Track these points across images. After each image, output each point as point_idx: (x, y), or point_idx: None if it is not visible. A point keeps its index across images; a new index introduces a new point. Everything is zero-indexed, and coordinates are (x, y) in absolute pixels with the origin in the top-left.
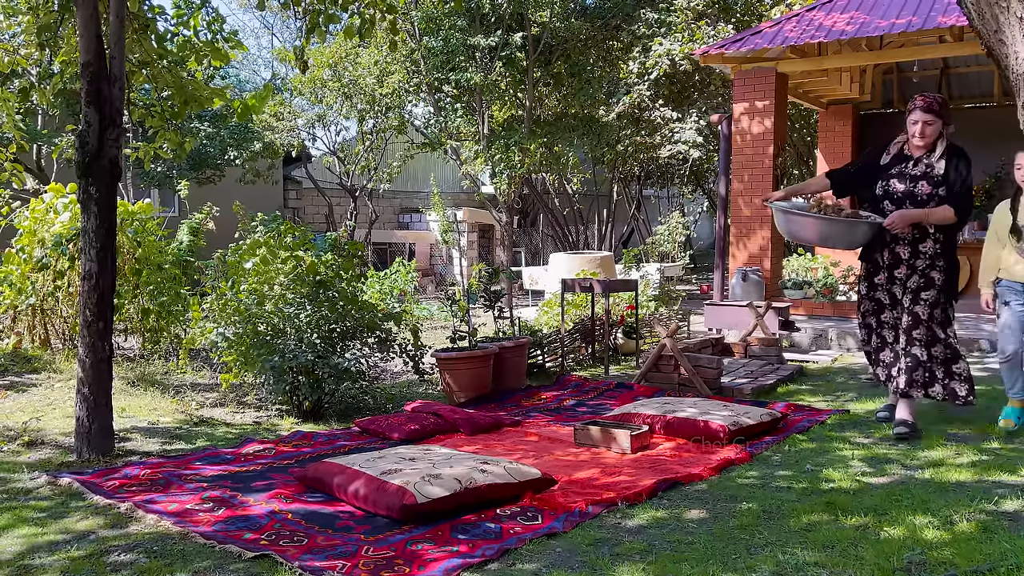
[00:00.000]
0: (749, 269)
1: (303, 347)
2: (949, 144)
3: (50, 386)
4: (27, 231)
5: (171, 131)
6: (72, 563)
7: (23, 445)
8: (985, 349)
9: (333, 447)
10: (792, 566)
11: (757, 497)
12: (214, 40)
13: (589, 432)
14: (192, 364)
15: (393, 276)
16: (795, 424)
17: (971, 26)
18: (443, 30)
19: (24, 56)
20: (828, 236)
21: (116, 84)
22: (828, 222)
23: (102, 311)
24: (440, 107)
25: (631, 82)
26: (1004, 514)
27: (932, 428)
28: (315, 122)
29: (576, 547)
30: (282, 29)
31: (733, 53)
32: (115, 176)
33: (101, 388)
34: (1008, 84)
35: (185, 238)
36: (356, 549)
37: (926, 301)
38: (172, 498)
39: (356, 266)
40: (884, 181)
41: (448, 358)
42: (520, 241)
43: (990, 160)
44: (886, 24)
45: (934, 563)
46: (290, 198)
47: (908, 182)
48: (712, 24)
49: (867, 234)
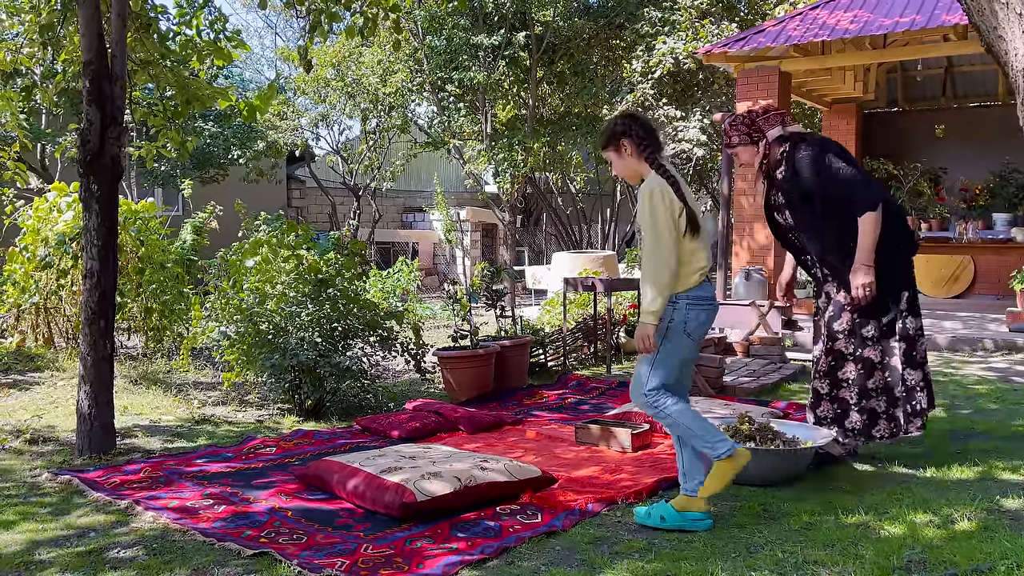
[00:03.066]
0: (752, 268)
1: (305, 346)
2: (803, 145)
3: (53, 384)
4: (31, 230)
5: (173, 130)
6: (73, 559)
7: (26, 442)
8: (989, 348)
9: (334, 445)
10: (792, 564)
11: (757, 495)
12: (216, 39)
13: (590, 431)
14: (194, 363)
15: (396, 275)
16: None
17: (970, 22)
18: (446, 29)
19: (27, 55)
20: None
21: (118, 83)
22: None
23: (104, 309)
24: (443, 106)
25: (634, 81)
26: (1005, 513)
27: (934, 428)
28: (318, 121)
29: (576, 545)
30: (285, 28)
31: (736, 52)
32: (116, 174)
33: (103, 386)
34: (1009, 81)
35: (188, 237)
36: (355, 547)
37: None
38: (173, 495)
39: (358, 265)
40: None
41: (450, 357)
42: (523, 240)
43: (995, 159)
44: (890, 23)
45: (934, 562)
46: (294, 197)
47: (776, 213)
48: (716, 22)
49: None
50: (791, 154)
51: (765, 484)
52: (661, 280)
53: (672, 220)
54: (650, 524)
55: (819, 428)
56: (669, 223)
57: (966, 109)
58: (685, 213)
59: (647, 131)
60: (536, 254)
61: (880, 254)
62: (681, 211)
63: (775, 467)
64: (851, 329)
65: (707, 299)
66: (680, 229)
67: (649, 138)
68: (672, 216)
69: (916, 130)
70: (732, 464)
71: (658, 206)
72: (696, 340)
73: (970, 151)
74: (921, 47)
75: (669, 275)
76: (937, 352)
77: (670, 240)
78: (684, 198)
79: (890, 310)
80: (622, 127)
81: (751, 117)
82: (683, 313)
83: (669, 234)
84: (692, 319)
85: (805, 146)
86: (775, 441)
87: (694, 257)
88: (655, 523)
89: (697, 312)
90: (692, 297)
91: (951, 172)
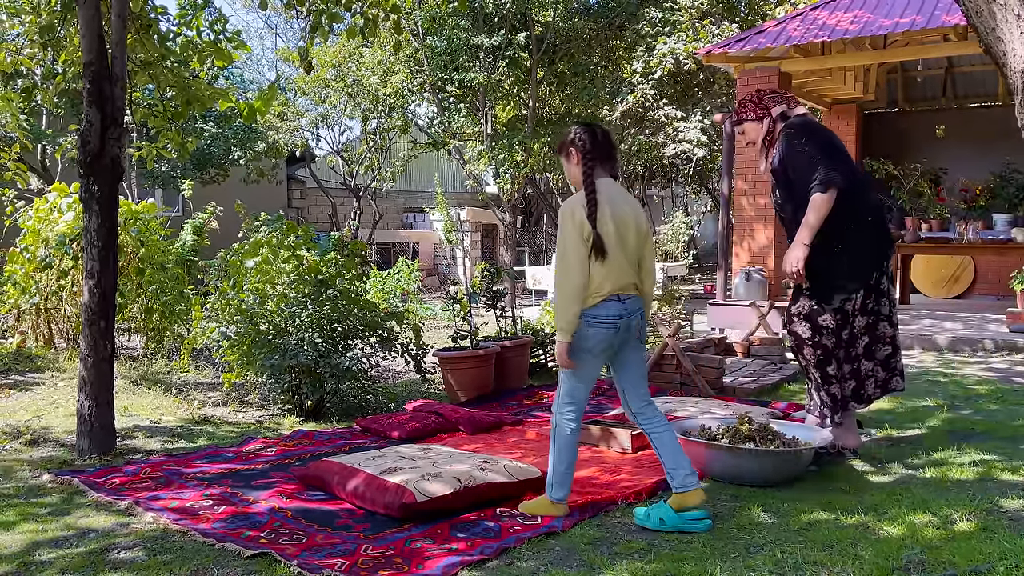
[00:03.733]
0: (752, 269)
1: (305, 346)
2: (784, 127)
3: (53, 385)
4: (31, 231)
5: (174, 131)
6: (74, 560)
7: (26, 443)
8: (989, 349)
9: (334, 446)
10: (791, 565)
11: (757, 496)
12: (217, 40)
13: (590, 431)
14: (195, 363)
15: (396, 276)
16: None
17: (969, 23)
18: (446, 30)
19: (27, 56)
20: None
21: (118, 84)
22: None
23: (104, 310)
24: (443, 107)
25: (635, 81)
26: (1004, 513)
27: (934, 428)
28: (319, 122)
29: (575, 546)
30: (286, 29)
31: (737, 52)
32: (117, 175)
33: (103, 386)
34: (1007, 82)
35: (189, 238)
36: (355, 547)
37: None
38: (173, 496)
39: (358, 265)
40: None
41: (450, 357)
42: (523, 241)
43: (995, 159)
44: (890, 23)
45: (933, 562)
46: (294, 198)
47: (773, 191)
48: (716, 23)
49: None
50: (784, 141)
51: (765, 485)
52: (566, 299)
53: (580, 240)
54: (649, 526)
55: (819, 429)
56: (577, 243)
57: (966, 109)
58: (592, 237)
59: (594, 144)
60: (536, 255)
61: (840, 240)
62: (589, 235)
63: (775, 468)
64: (807, 313)
65: (608, 317)
66: (587, 249)
67: (594, 151)
68: (580, 236)
69: (916, 130)
70: (554, 508)
71: (567, 224)
72: (597, 356)
73: (970, 151)
74: (921, 47)
75: (574, 293)
76: (937, 352)
77: (575, 259)
78: (596, 222)
79: (848, 297)
80: (572, 136)
81: (759, 95)
82: (583, 330)
83: (575, 253)
84: (592, 336)
85: (795, 129)
86: (775, 442)
87: (600, 281)
88: (654, 525)
89: (596, 330)
90: (591, 315)
91: (951, 172)
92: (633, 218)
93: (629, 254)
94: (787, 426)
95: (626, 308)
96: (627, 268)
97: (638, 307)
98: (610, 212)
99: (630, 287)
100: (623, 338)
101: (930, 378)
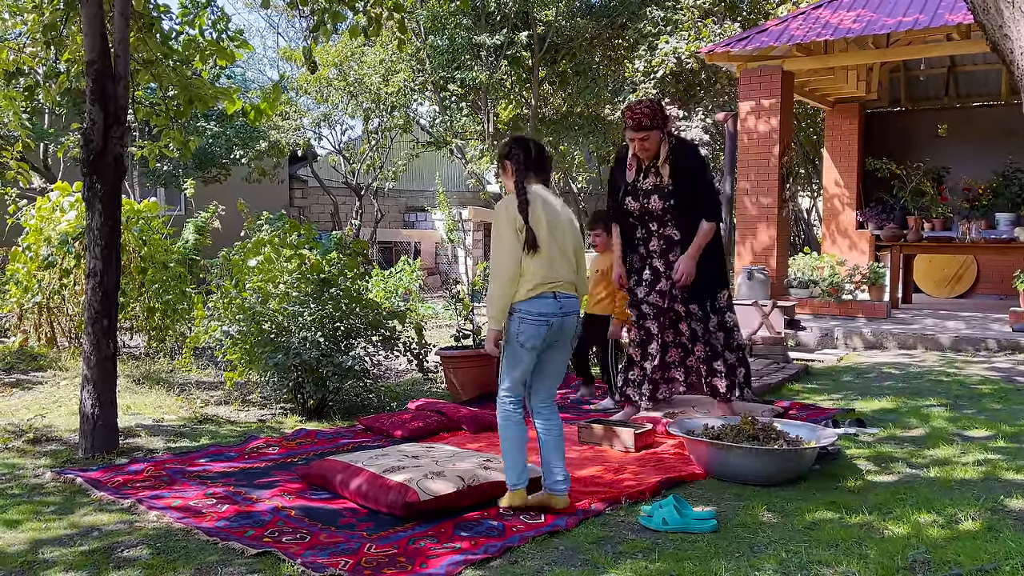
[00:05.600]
0: (755, 268)
1: (307, 345)
2: (676, 142)
3: (56, 383)
4: (33, 229)
5: (176, 130)
6: (77, 558)
7: (29, 442)
8: (992, 348)
9: (337, 445)
10: (795, 564)
11: (761, 495)
12: (219, 39)
13: (593, 430)
14: (197, 362)
15: (398, 275)
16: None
17: (976, 21)
18: (448, 29)
19: (30, 55)
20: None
21: (120, 82)
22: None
23: (106, 308)
24: (445, 106)
25: (637, 80)
26: (1009, 512)
27: (937, 428)
28: (320, 121)
29: (579, 545)
30: (288, 28)
31: (739, 51)
32: (119, 174)
33: (106, 385)
34: (1013, 80)
35: (191, 237)
36: (359, 546)
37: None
38: (176, 495)
39: (360, 264)
40: (624, 199)
41: (452, 356)
42: None
43: (997, 158)
44: (893, 22)
45: (938, 562)
46: (296, 197)
47: (641, 198)
48: (718, 22)
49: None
50: (679, 149)
51: (769, 484)
52: (497, 289)
53: (513, 233)
54: (652, 527)
55: (823, 428)
56: (510, 236)
57: (969, 108)
58: (525, 230)
59: (528, 157)
60: None
61: (712, 257)
62: (522, 228)
63: (779, 467)
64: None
65: (541, 314)
66: (521, 243)
67: (527, 163)
68: (513, 229)
69: (919, 129)
70: (512, 497)
71: (501, 219)
72: (529, 351)
73: (973, 150)
74: (924, 46)
75: (504, 284)
76: (940, 352)
77: (508, 252)
78: (528, 218)
79: (715, 298)
80: (506, 150)
81: (661, 106)
82: (516, 325)
83: (508, 246)
84: (523, 331)
85: (691, 147)
86: (778, 441)
87: (533, 273)
88: (657, 526)
89: (527, 326)
90: (524, 311)
91: (954, 171)
92: (565, 217)
93: (564, 250)
94: (791, 425)
95: (562, 307)
96: (562, 263)
97: (574, 308)
98: (542, 207)
99: (567, 285)
100: (554, 336)
101: (933, 377)
